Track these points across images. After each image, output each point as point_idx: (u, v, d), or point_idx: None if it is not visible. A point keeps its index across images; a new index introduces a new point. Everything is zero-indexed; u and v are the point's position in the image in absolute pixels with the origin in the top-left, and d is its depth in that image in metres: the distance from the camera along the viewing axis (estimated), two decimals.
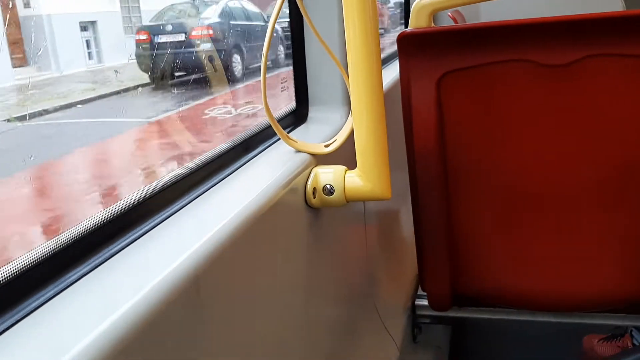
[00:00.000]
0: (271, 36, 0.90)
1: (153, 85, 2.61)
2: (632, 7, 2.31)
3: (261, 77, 0.93)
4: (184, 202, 0.79)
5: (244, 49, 4.33)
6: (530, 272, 1.30)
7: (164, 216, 0.75)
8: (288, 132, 1.13)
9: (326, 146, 1.05)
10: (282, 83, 1.37)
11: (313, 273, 1.03)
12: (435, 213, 1.26)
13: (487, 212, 1.27)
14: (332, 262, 1.14)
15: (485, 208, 1.27)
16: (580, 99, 1.15)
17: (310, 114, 1.25)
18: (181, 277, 0.60)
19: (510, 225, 1.27)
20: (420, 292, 1.54)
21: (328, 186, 0.96)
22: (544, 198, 1.23)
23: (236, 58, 4.15)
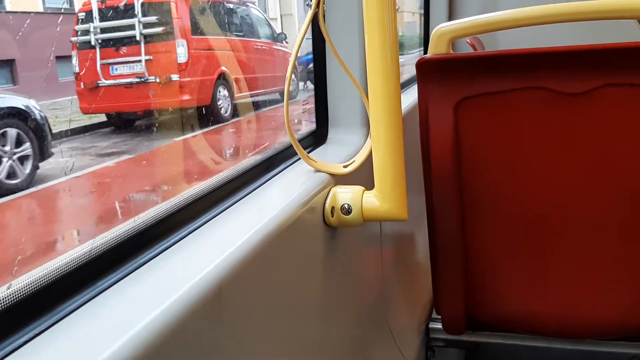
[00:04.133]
0: (295, 60, 0.94)
1: None
2: None
3: (284, 100, 0.96)
4: (207, 218, 0.82)
5: None
6: (545, 298, 1.30)
7: (188, 230, 0.77)
8: (308, 152, 1.15)
9: (345, 167, 1.08)
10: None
11: (329, 290, 1.04)
12: (451, 237, 1.27)
13: (503, 237, 1.28)
14: (347, 280, 1.15)
15: (501, 233, 1.28)
16: (596, 127, 1.16)
17: (329, 135, 1.28)
18: (205, 289, 0.63)
19: (525, 250, 1.28)
20: (434, 315, 1.54)
21: (346, 206, 0.98)
22: (560, 225, 1.24)
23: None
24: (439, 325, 1.42)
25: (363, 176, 1.07)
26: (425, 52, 2.71)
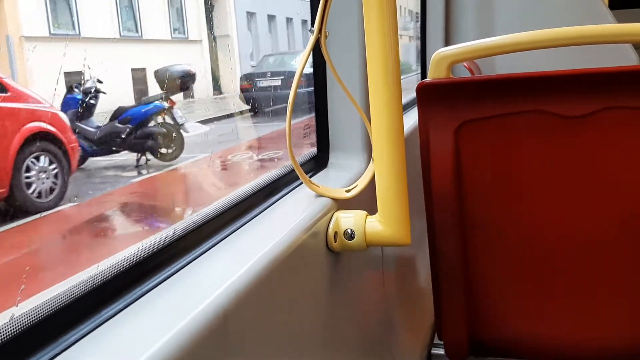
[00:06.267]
0: (298, 84, 0.94)
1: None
2: None
3: (286, 125, 0.96)
4: (211, 244, 0.81)
5: None
6: (549, 321, 1.29)
7: (191, 257, 0.76)
8: (310, 177, 1.15)
9: (347, 191, 1.08)
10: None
11: (331, 316, 1.03)
12: (453, 260, 1.26)
13: (505, 260, 1.27)
14: (350, 306, 1.14)
15: (503, 256, 1.27)
16: (597, 150, 1.17)
17: (330, 160, 1.28)
18: (210, 317, 0.62)
19: (528, 274, 1.27)
20: (436, 340, 1.52)
21: (349, 231, 0.98)
22: (563, 246, 1.24)
23: None
24: (442, 351, 1.40)
25: (365, 200, 1.07)
26: (424, 75, 2.73)
